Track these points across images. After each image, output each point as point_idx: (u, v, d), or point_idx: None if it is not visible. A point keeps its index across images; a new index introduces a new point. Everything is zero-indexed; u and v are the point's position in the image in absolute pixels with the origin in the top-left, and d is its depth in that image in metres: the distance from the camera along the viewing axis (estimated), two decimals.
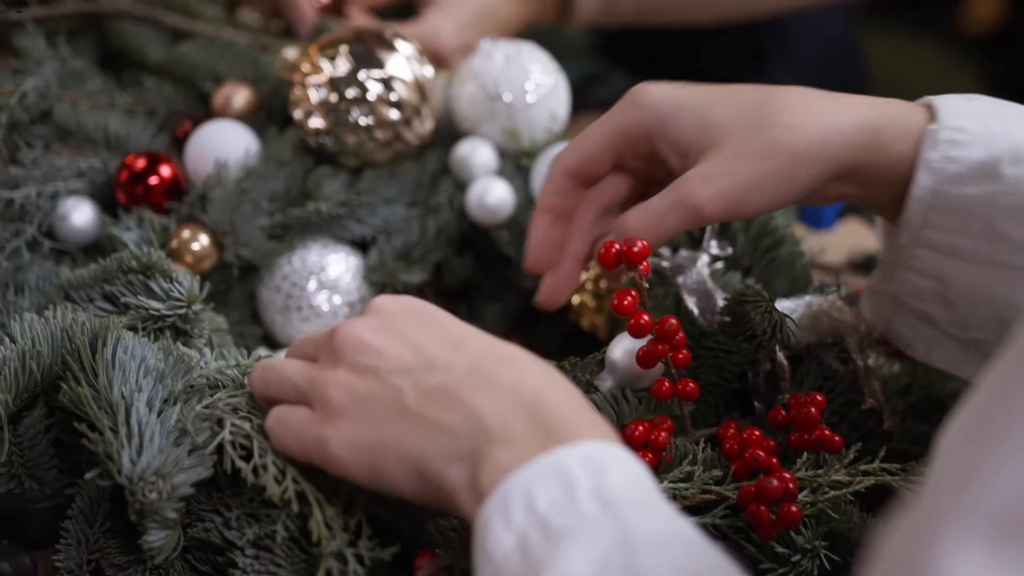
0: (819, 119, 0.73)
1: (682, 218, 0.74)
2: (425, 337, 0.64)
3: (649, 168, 0.79)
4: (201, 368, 0.71)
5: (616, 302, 0.73)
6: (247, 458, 0.66)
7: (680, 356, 0.74)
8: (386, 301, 0.67)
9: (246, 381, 0.70)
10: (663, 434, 0.73)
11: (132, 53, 1.19)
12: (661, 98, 0.77)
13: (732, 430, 0.75)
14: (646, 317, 0.72)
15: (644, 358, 0.74)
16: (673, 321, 0.73)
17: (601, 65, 1.52)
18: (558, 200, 0.80)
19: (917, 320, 0.77)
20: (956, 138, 0.71)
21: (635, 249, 0.72)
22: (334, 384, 0.63)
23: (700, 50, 1.67)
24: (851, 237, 1.14)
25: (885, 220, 0.77)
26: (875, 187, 0.74)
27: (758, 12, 1.47)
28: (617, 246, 0.73)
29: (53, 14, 1.10)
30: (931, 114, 0.72)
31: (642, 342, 0.74)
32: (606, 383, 0.79)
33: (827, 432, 0.73)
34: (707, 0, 1.40)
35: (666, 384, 0.75)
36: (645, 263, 0.72)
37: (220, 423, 0.67)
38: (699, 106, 0.76)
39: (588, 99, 1.46)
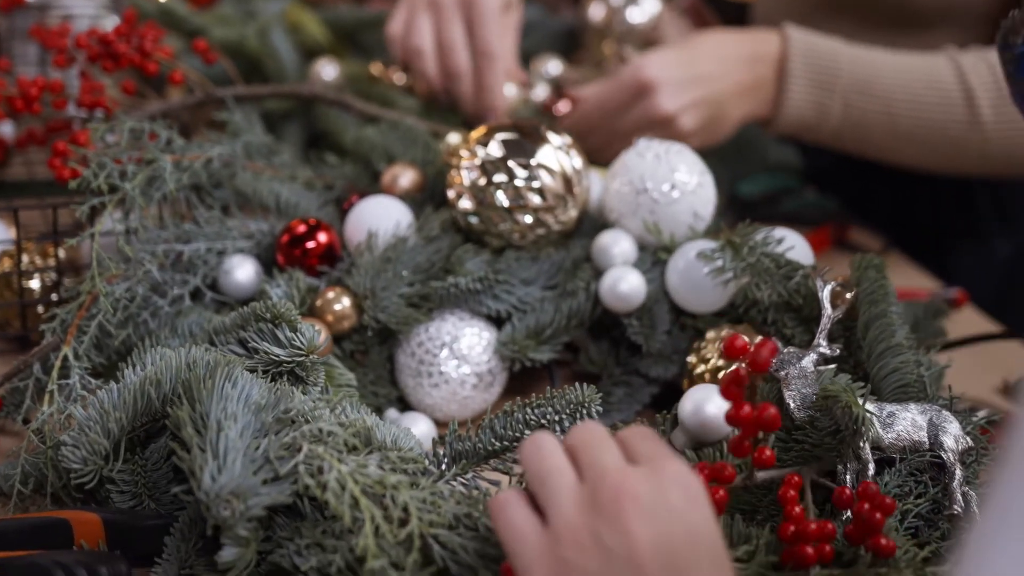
0: None
1: None
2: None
3: None
4: (291, 401, 0.76)
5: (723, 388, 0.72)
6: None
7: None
8: (678, 472, 0.65)
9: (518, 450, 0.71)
10: (727, 470, 0.74)
11: (332, 135, 1.29)
12: None
13: (795, 479, 0.77)
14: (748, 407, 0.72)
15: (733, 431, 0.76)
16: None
17: (797, 181, 1.53)
18: None
19: None
20: None
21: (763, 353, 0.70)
22: (572, 541, 0.62)
23: (913, 189, 1.58)
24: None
25: None
26: None
27: (959, 173, 1.36)
28: (739, 342, 0.73)
29: (252, 93, 1.20)
30: None
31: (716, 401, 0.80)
32: (679, 439, 0.82)
33: (883, 542, 0.73)
34: (905, 151, 1.32)
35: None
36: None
37: (299, 450, 0.72)
38: None
39: (775, 210, 1.48)
